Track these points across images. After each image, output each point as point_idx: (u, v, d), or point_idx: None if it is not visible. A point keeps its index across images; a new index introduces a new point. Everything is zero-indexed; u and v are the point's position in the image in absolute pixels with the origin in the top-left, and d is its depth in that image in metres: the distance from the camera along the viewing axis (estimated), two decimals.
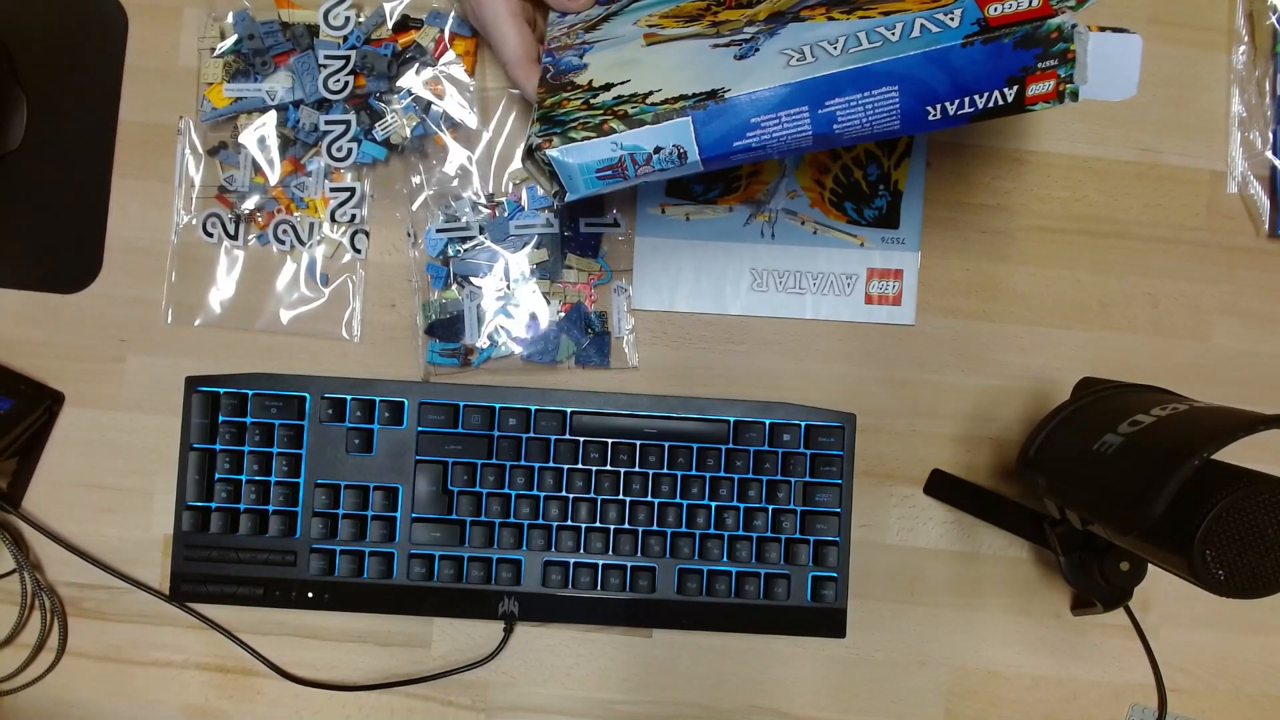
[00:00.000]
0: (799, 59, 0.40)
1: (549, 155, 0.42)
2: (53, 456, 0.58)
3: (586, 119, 0.42)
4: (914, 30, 0.39)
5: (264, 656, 0.57)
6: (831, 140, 0.41)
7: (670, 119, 0.40)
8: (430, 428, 0.56)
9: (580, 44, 0.47)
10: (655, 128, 0.41)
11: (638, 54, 0.44)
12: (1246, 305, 0.59)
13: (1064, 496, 0.48)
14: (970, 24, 0.38)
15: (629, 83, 0.43)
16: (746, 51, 0.42)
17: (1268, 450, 0.46)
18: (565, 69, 0.45)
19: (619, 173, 0.42)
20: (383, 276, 0.59)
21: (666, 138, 0.41)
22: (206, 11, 0.57)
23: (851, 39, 0.40)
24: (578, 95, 0.43)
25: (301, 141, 0.57)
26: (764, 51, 0.41)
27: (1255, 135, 0.59)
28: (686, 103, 0.40)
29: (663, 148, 0.41)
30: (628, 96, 0.42)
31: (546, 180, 0.43)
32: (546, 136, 0.42)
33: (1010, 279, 0.59)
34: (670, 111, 0.40)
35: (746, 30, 0.43)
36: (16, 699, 0.58)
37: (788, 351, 0.59)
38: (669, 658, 0.58)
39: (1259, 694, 0.59)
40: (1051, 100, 0.39)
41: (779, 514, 0.56)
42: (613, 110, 0.41)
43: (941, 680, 0.58)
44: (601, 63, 0.45)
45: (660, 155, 0.42)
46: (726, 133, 0.41)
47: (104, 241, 0.58)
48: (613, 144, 0.41)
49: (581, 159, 0.42)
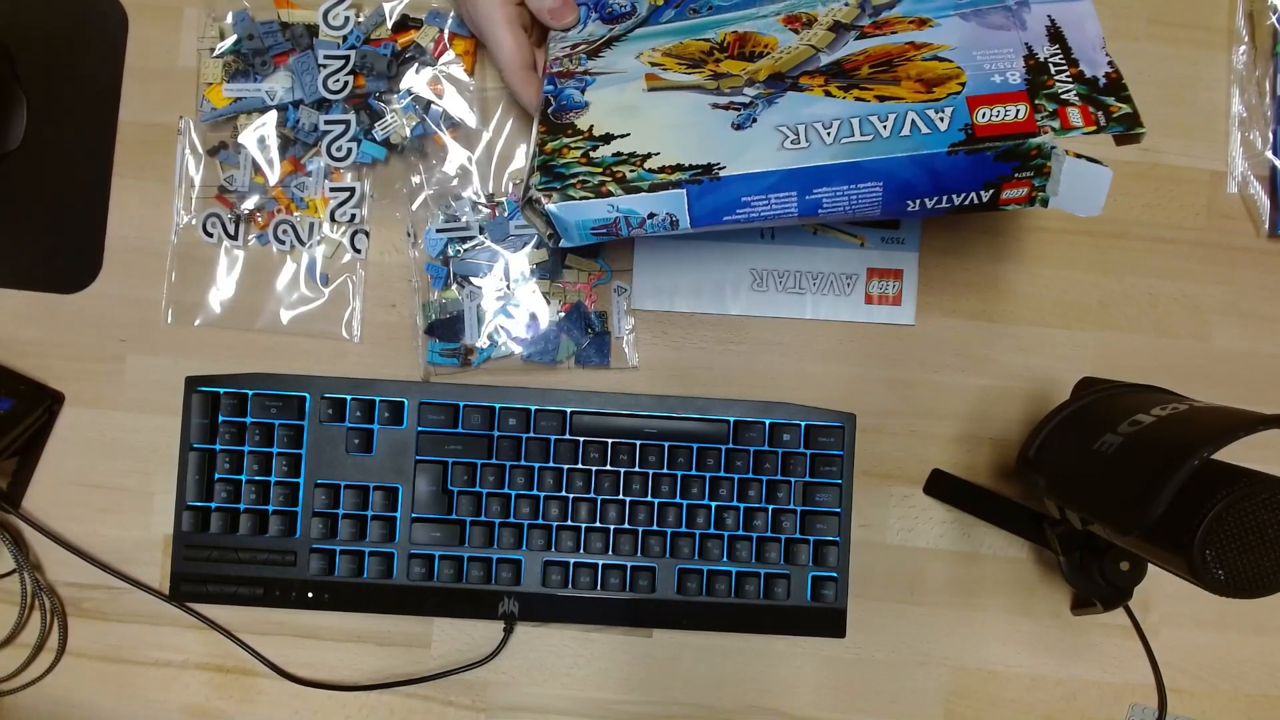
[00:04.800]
0: (793, 140, 0.41)
1: (548, 210, 0.43)
2: (53, 456, 0.58)
3: (586, 177, 0.43)
4: (905, 127, 0.40)
5: (264, 656, 0.57)
6: (812, 219, 0.44)
7: (666, 189, 0.42)
8: (430, 428, 0.56)
9: (583, 73, 0.48)
10: (651, 196, 0.42)
11: (639, 99, 0.45)
12: (1246, 305, 0.59)
13: (1064, 496, 0.48)
14: (958, 129, 0.40)
15: (628, 137, 0.44)
16: (744, 121, 0.43)
17: (1268, 450, 0.46)
18: (568, 106, 0.46)
19: (613, 231, 0.44)
20: (383, 276, 0.59)
21: (661, 206, 0.43)
22: (206, 11, 0.57)
23: (845, 126, 0.41)
24: (578, 143, 0.44)
25: (301, 141, 0.57)
26: (761, 124, 0.42)
27: (1255, 135, 0.59)
28: (683, 174, 0.42)
29: (656, 214, 0.43)
30: (627, 155, 0.43)
31: (542, 224, 0.45)
32: (547, 191, 0.43)
33: (1010, 279, 0.59)
34: (666, 182, 0.42)
35: (746, 92, 0.44)
36: (16, 699, 0.58)
37: (788, 351, 0.59)
38: (669, 658, 0.58)
39: (1259, 694, 0.59)
40: (1023, 204, 0.42)
41: (779, 514, 0.56)
42: (611, 171, 0.43)
43: (941, 680, 0.58)
44: (603, 104, 0.46)
45: (653, 221, 0.44)
46: (718, 207, 0.43)
47: (104, 241, 0.58)
48: (609, 206, 0.43)
49: (579, 216, 0.44)
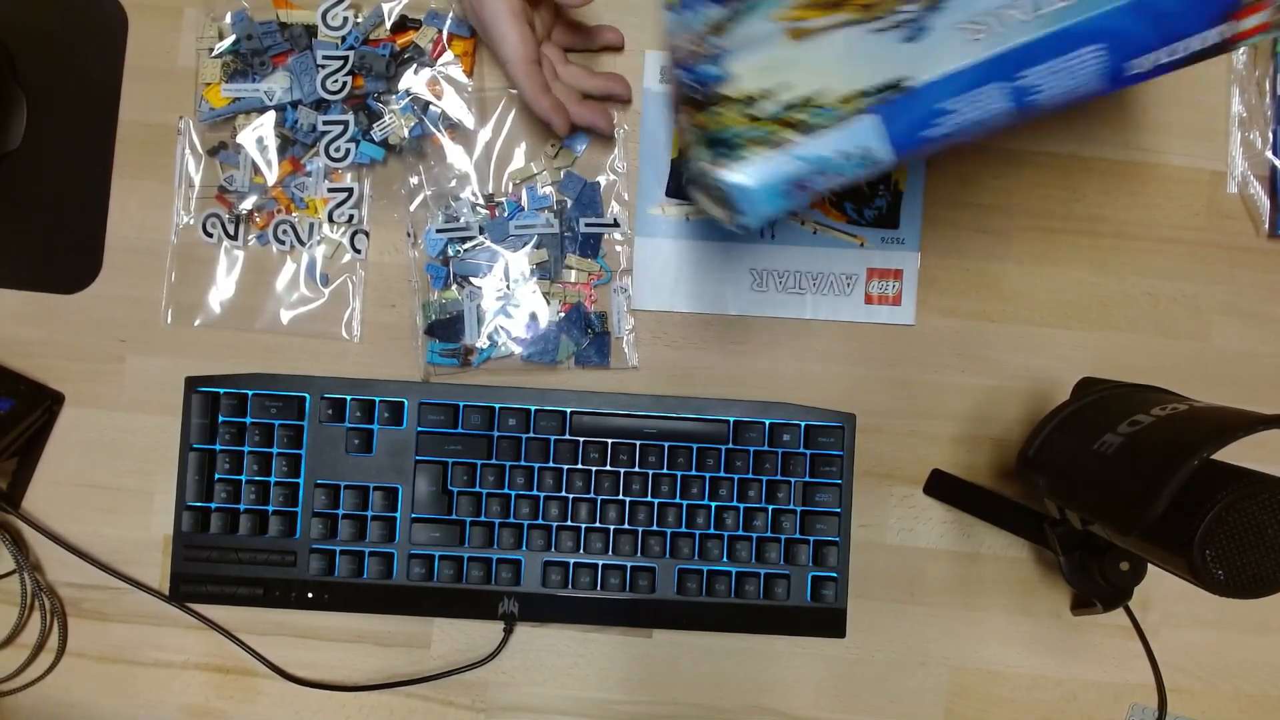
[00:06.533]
0: (982, 30, 0.36)
1: (722, 179, 0.38)
2: (53, 456, 0.58)
3: (756, 135, 0.38)
4: None
5: (264, 656, 0.57)
6: (1030, 113, 0.38)
7: (852, 120, 0.37)
8: (430, 428, 0.56)
9: (713, 51, 0.42)
10: (837, 132, 0.37)
11: (788, 51, 0.39)
12: (1246, 305, 0.59)
13: (1064, 496, 0.48)
14: None
15: (790, 87, 0.38)
16: (914, 34, 0.37)
17: (1268, 450, 0.46)
18: (706, 80, 0.40)
19: (805, 185, 0.39)
20: (383, 276, 0.59)
21: (852, 141, 0.38)
22: (205, 11, 0.57)
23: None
24: (731, 108, 0.39)
25: (300, 142, 0.57)
26: (936, 30, 0.37)
27: (1255, 135, 0.59)
28: (866, 99, 0.37)
29: (849, 153, 0.38)
30: (794, 103, 0.38)
31: (717, 207, 0.40)
32: (716, 160, 0.38)
33: (1010, 279, 0.59)
34: (851, 112, 0.37)
35: (905, 9, 0.38)
36: (16, 699, 0.58)
37: (788, 351, 0.59)
38: (669, 658, 0.58)
39: (1259, 694, 0.59)
40: (1266, 30, 0.36)
41: (779, 514, 0.56)
42: (782, 120, 0.38)
43: (941, 680, 0.58)
44: (747, 68, 0.40)
45: (847, 160, 0.38)
46: (915, 122, 0.37)
47: (104, 241, 0.58)
48: (793, 157, 0.38)
49: (761, 180, 0.38)
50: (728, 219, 0.40)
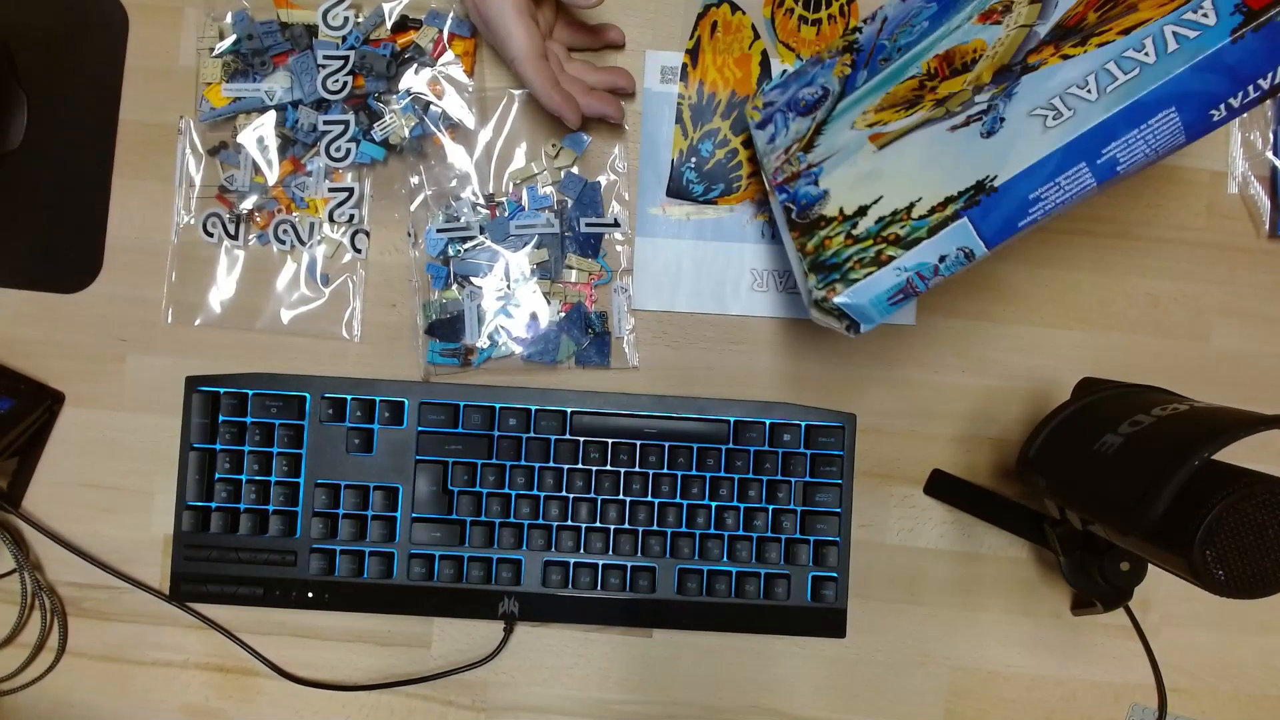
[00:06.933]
0: (1055, 116, 0.37)
1: (837, 304, 0.41)
2: (53, 456, 0.58)
3: (860, 255, 0.40)
4: (1169, 43, 0.36)
5: (264, 656, 0.57)
6: (1115, 180, 0.39)
7: (946, 226, 0.39)
8: (430, 428, 0.56)
9: (806, 169, 0.45)
10: (934, 241, 0.39)
11: (875, 163, 0.42)
12: (1246, 305, 0.59)
13: (1064, 497, 0.48)
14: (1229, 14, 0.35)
15: (882, 200, 0.41)
16: (992, 126, 0.39)
17: (1268, 450, 0.46)
18: (808, 202, 0.43)
19: (909, 292, 0.41)
20: (383, 276, 0.59)
21: (949, 244, 0.40)
22: (205, 11, 0.57)
23: (1103, 75, 0.37)
24: (835, 230, 0.42)
25: (301, 142, 0.57)
26: (1011, 120, 0.39)
27: (1255, 135, 0.59)
28: (956, 204, 0.38)
29: (947, 255, 0.40)
30: (890, 216, 0.40)
31: (836, 321, 0.42)
32: (829, 285, 0.40)
33: (1010, 279, 0.59)
34: (944, 220, 0.39)
35: (978, 100, 0.40)
36: (16, 699, 0.58)
37: (788, 351, 0.59)
38: (669, 658, 0.58)
39: (1259, 694, 0.59)
40: None
41: (779, 514, 0.56)
42: (882, 237, 0.40)
43: (941, 680, 0.58)
44: (841, 184, 0.43)
45: (946, 262, 0.40)
46: (1008, 218, 0.39)
47: (104, 241, 0.58)
48: (897, 270, 0.40)
49: (870, 295, 0.41)
50: (845, 331, 0.43)
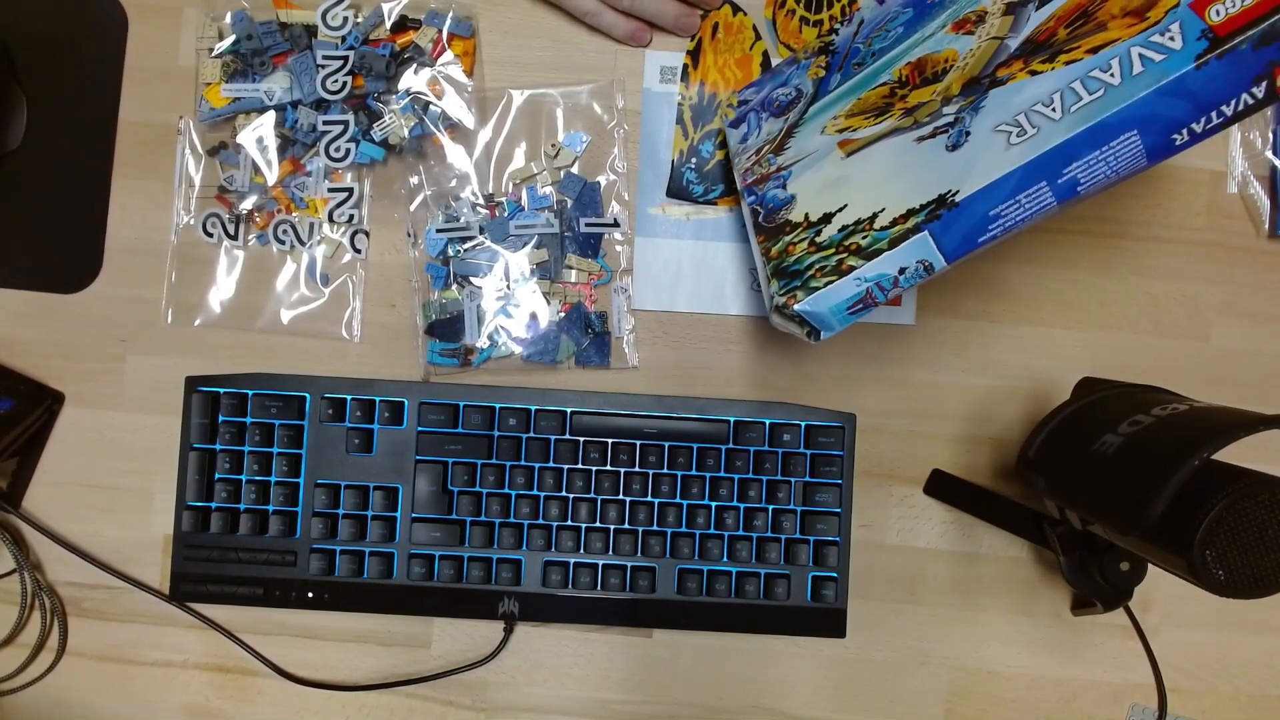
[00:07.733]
0: (1019, 133, 0.38)
1: (797, 311, 0.41)
2: (53, 456, 0.58)
3: (822, 263, 0.41)
4: (1134, 65, 0.36)
5: (264, 656, 0.57)
6: (1076, 200, 0.39)
7: (906, 239, 0.39)
8: (430, 428, 0.56)
9: (776, 171, 0.45)
10: (894, 253, 0.40)
11: (842, 170, 0.43)
12: (1246, 305, 0.59)
13: (1064, 496, 0.48)
14: (1195, 40, 0.35)
15: (846, 208, 0.41)
16: (957, 139, 0.40)
17: (1268, 450, 0.46)
18: (775, 206, 0.44)
19: (868, 302, 0.42)
20: (383, 276, 0.59)
21: (908, 257, 0.40)
22: (205, 11, 0.57)
23: (1068, 94, 0.37)
24: (800, 237, 0.42)
25: (300, 142, 0.57)
26: (976, 134, 0.39)
27: (1255, 135, 0.59)
28: (918, 217, 0.39)
29: (907, 267, 0.40)
30: (853, 225, 0.41)
31: (797, 327, 0.43)
32: (789, 293, 0.41)
33: (1010, 279, 0.59)
34: (905, 232, 0.39)
35: (945, 111, 0.41)
36: (16, 699, 0.58)
37: (788, 351, 0.59)
38: (669, 658, 0.58)
39: (1259, 694, 0.59)
40: None
41: (779, 514, 0.56)
42: (844, 246, 0.40)
43: (941, 680, 0.58)
44: (808, 189, 0.43)
45: (905, 274, 0.41)
46: (967, 233, 0.39)
47: (104, 241, 0.58)
48: (856, 280, 0.41)
49: (830, 303, 0.42)
50: (805, 337, 0.43)
